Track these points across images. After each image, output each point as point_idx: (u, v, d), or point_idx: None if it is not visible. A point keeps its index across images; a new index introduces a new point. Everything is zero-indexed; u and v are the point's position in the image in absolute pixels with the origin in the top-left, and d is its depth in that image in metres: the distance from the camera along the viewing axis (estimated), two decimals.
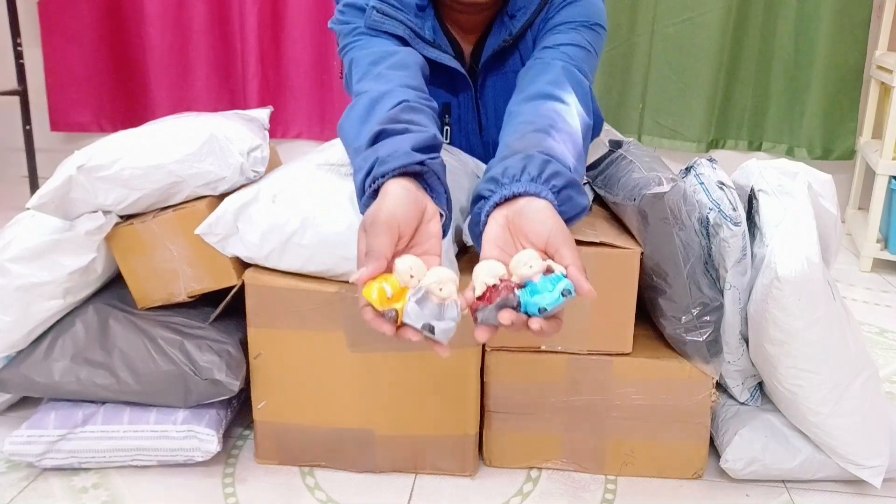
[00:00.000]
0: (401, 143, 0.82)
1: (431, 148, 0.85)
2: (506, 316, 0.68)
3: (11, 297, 1.12)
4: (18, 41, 2.39)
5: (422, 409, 1.11)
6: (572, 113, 0.97)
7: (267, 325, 1.10)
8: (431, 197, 0.82)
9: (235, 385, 1.11)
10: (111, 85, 2.77)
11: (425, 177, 0.82)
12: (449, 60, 1.16)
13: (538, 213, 0.77)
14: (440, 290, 0.69)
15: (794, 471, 1.12)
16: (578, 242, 1.06)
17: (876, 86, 2.43)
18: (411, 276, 0.69)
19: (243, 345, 1.14)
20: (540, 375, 1.11)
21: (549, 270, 0.69)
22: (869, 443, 1.09)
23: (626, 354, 1.10)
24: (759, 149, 2.65)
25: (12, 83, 2.42)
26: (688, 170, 1.15)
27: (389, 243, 0.72)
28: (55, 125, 2.77)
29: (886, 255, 2.16)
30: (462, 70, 1.18)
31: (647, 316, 1.16)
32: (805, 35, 2.48)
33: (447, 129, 1.24)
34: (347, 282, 1.07)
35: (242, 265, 1.12)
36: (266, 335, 1.10)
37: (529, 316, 0.69)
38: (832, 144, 2.56)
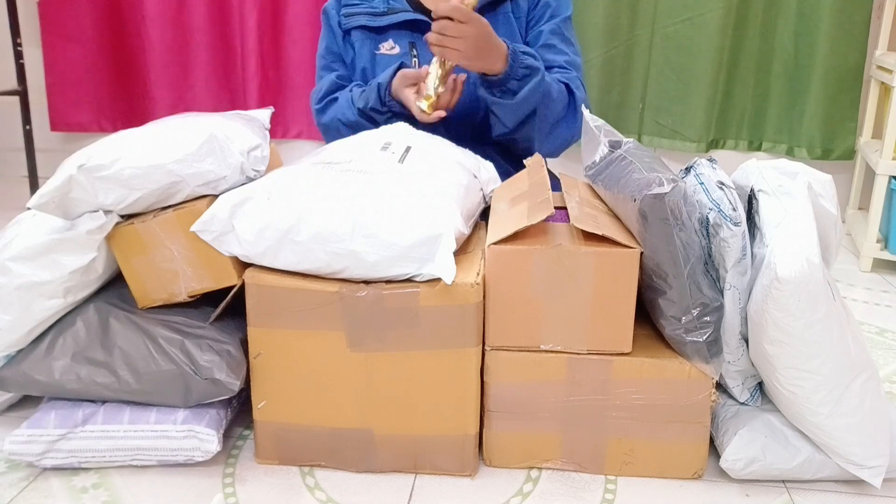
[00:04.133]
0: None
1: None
2: None
3: (12, 296, 1.12)
4: (18, 41, 2.39)
5: (422, 409, 1.11)
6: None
7: (267, 325, 1.10)
8: None
9: (236, 385, 1.11)
10: (111, 85, 2.77)
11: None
12: (401, 17, 1.47)
13: None
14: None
15: (794, 471, 1.12)
16: (583, 235, 1.07)
17: (876, 86, 2.43)
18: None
19: (244, 344, 1.14)
20: (540, 375, 1.11)
21: None
22: (869, 443, 1.09)
23: (626, 354, 1.10)
24: (759, 149, 2.65)
25: (12, 83, 2.43)
26: (688, 170, 1.15)
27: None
28: (55, 125, 2.77)
29: (886, 255, 2.16)
30: (416, 16, 1.47)
31: (647, 316, 1.16)
32: (805, 35, 2.48)
33: (415, 61, 1.51)
34: (345, 280, 1.08)
35: (243, 265, 1.12)
36: (266, 335, 1.11)
37: None
38: (832, 144, 2.56)
